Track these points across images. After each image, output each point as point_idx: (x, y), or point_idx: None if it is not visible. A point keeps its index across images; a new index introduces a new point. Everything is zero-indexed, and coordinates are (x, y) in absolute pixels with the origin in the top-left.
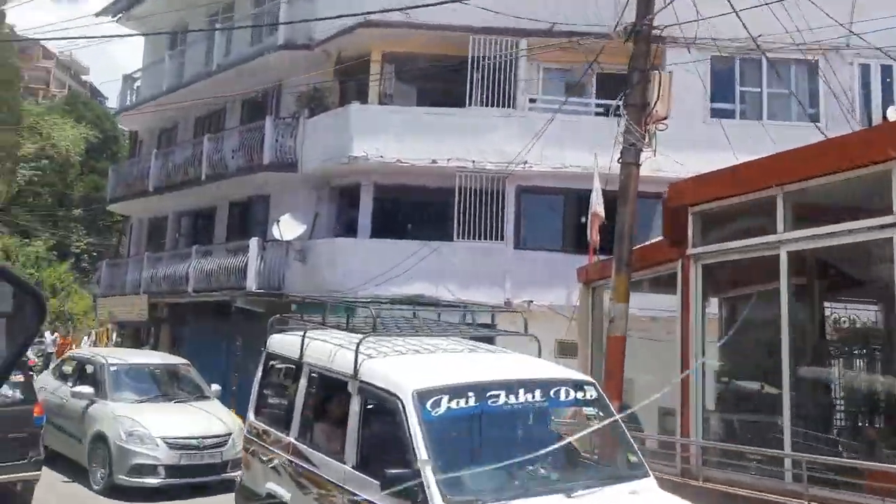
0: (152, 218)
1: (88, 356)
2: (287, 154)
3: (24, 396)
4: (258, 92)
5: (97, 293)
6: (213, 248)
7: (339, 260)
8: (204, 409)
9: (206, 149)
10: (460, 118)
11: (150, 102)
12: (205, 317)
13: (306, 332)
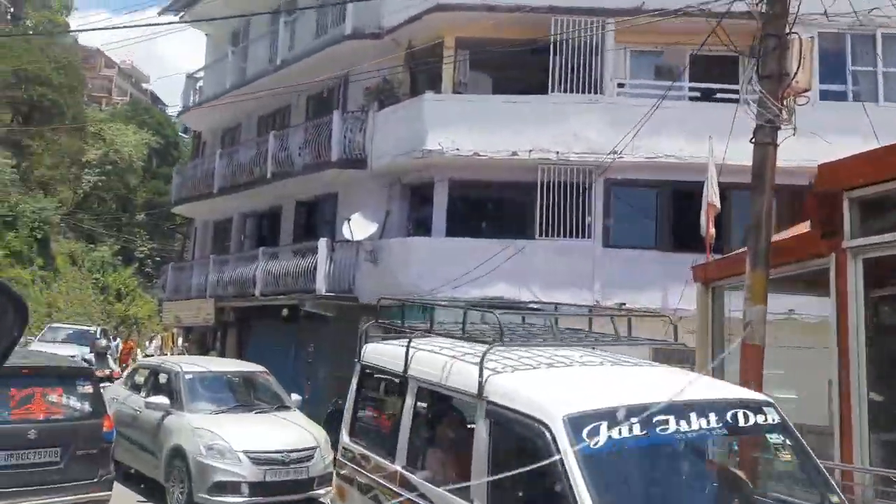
0: (217, 220)
1: (161, 364)
2: (356, 150)
3: (93, 409)
4: (324, 87)
5: (162, 297)
6: (279, 250)
7: (413, 261)
8: (286, 420)
9: (271, 147)
10: (542, 106)
11: (212, 101)
12: (272, 321)
13: (411, 341)
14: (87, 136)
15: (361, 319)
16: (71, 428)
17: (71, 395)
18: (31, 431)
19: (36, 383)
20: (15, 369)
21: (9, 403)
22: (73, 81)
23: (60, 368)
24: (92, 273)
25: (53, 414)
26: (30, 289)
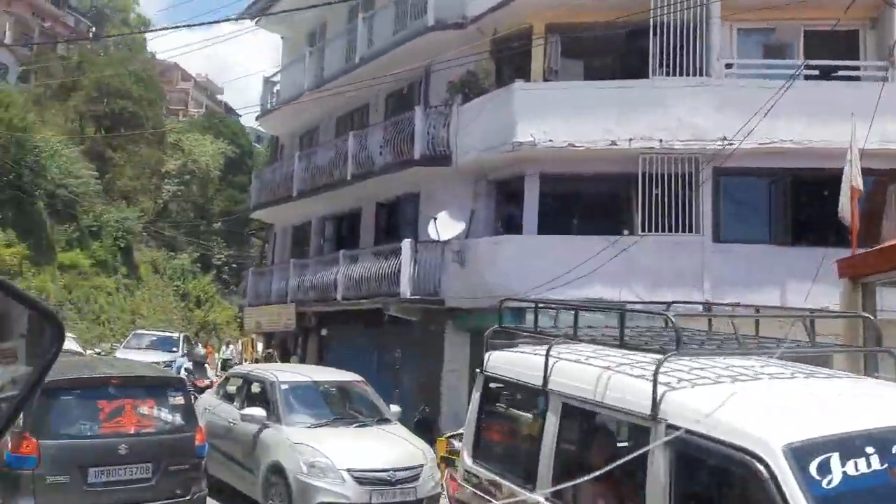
0: (296, 224)
1: (255, 373)
2: (439, 146)
3: (185, 421)
4: (404, 83)
5: (243, 303)
6: (359, 253)
7: (504, 261)
8: (389, 434)
9: (350, 147)
10: (643, 91)
11: (290, 103)
12: (353, 325)
13: (551, 349)
14: (167, 147)
15: (447, 323)
16: (163, 442)
17: (162, 406)
18: (122, 446)
19: (126, 395)
20: (104, 380)
21: (98, 416)
22: (153, 94)
23: (151, 378)
24: (173, 280)
25: (144, 427)
26: (114, 296)
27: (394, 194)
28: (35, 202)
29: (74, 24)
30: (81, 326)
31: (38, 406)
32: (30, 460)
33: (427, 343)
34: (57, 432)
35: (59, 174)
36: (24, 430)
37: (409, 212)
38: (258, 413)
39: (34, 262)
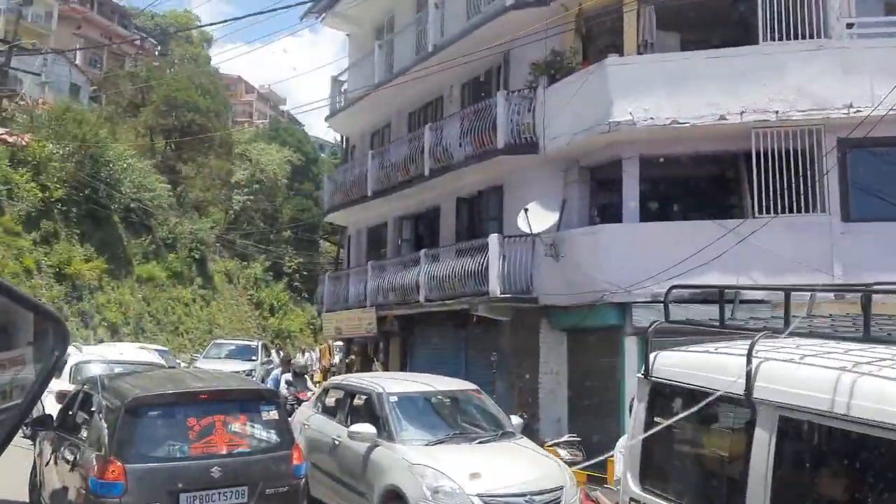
0: (370, 226)
1: (358, 383)
2: (525, 133)
3: (281, 439)
4: (480, 70)
5: (320, 309)
6: (440, 252)
7: (604, 252)
8: (517, 450)
9: (427, 140)
10: (753, 59)
11: (360, 101)
12: (438, 328)
13: (754, 347)
14: (235, 158)
15: (542, 322)
16: (258, 462)
17: (255, 422)
18: (215, 468)
19: (216, 410)
20: (193, 395)
21: (188, 435)
22: (219, 105)
23: (242, 392)
24: (246, 289)
25: (238, 446)
26: (191, 307)
27: (475, 188)
28: (111, 216)
29: (140, 42)
30: (161, 338)
31: (123, 425)
32: (117, 487)
33: (520, 344)
34: (145, 455)
35: (133, 188)
36: (109, 454)
37: (493, 206)
38: (368, 430)
39: (113, 275)
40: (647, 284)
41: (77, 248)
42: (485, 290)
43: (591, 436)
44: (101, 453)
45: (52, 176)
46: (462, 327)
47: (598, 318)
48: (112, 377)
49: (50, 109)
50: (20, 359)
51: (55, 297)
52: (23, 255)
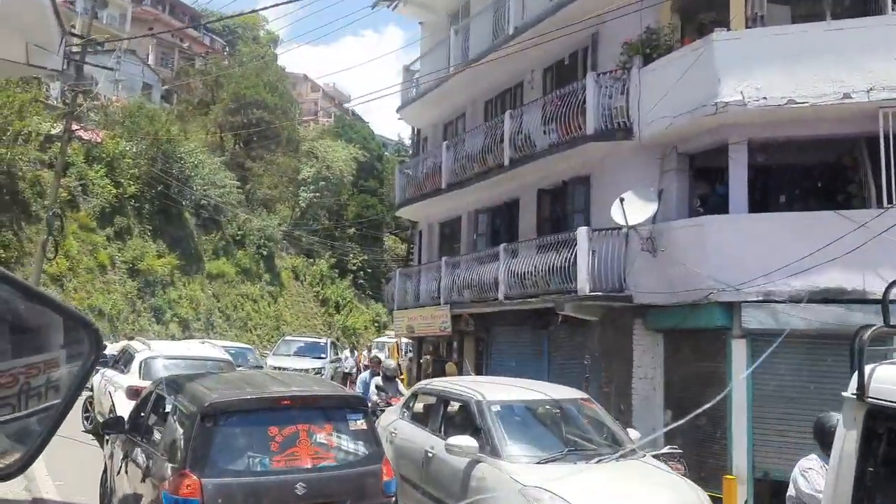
0: (443, 221)
1: (452, 389)
2: (617, 117)
3: (369, 452)
4: (564, 53)
5: (391, 306)
6: (519, 247)
7: (711, 247)
8: (646, 471)
9: (507, 128)
10: (880, 31)
11: (433, 91)
12: (517, 328)
13: None
14: (301, 155)
15: (635, 323)
16: (345, 478)
17: (342, 433)
18: (300, 484)
19: (300, 418)
20: (275, 400)
21: (269, 447)
22: (286, 103)
23: (328, 398)
24: (312, 286)
25: (324, 459)
26: (259, 303)
27: (559, 179)
28: (182, 213)
29: (210, 43)
30: (230, 334)
31: (199, 434)
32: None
33: (610, 347)
34: (223, 468)
35: (203, 184)
36: (184, 465)
37: (578, 198)
38: (469, 444)
39: (184, 271)
40: (759, 282)
41: (150, 244)
42: (572, 288)
43: (693, 448)
44: (175, 465)
45: (126, 172)
46: (544, 327)
47: (702, 318)
48: (187, 378)
49: (123, 107)
50: (53, 362)
51: (128, 293)
52: (97, 250)
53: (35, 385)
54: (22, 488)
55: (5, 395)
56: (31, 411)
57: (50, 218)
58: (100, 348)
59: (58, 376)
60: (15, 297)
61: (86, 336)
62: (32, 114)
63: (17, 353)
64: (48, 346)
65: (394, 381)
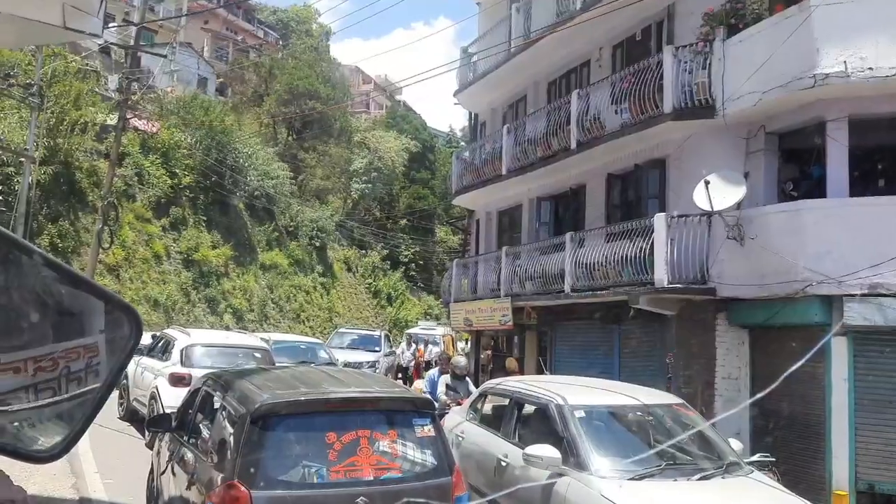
0: (502, 209)
1: (527, 390)
2: (697, 95)
3: (438, 462)
4: (635, 28)
5: (447, 298)
6: (585, 236)
7: (807, 235)
8: (757, 492)
9: (573, 109)
10: None
11: (492, 73)
12: (584, 322)
13: None
14: (353, 146)
15: (718, 317)
16: (412, 491)
17: (407, 440)
18: (361, 498)
19: (361, 423)
20: (333, 402)
21: (327, 455)
22: (339, 93)
23: (392, 400)
24: (364, 278)
25: (387, 470)
26: (311, 295)
27: (631, 162)
28: (236, 203)
29: (263, 35)
30: (284, 325)
31: (249, 440)
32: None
33: (689, 344)
34: (275, 479)
35: (257, 175)
36: (232, 475)
37: (652, 182)
38: (550, 455)
39: (238, 262)
40: (864, 274)
41: (204, 235)
42: (647, 280)
43: (784, 456)
44: (223, 474)
45: (181, 163)
46: (615, 322)
47: (796, 313)
48: (236, 374)
49: (178, 98)
50: (93, 346)
51: (183, 283)
52: (153, 240)
53: (75, 369)
54: (70, 486)
55: (46, 379)
56: (72, 395)
57: (105, 207)
58: (140, 333)
59: (98, 361)
60: (56, 280)
61: (126, 321)
62: (88, 104)
63: (57, 337)
64: (88, 330)
65: (464, 380)
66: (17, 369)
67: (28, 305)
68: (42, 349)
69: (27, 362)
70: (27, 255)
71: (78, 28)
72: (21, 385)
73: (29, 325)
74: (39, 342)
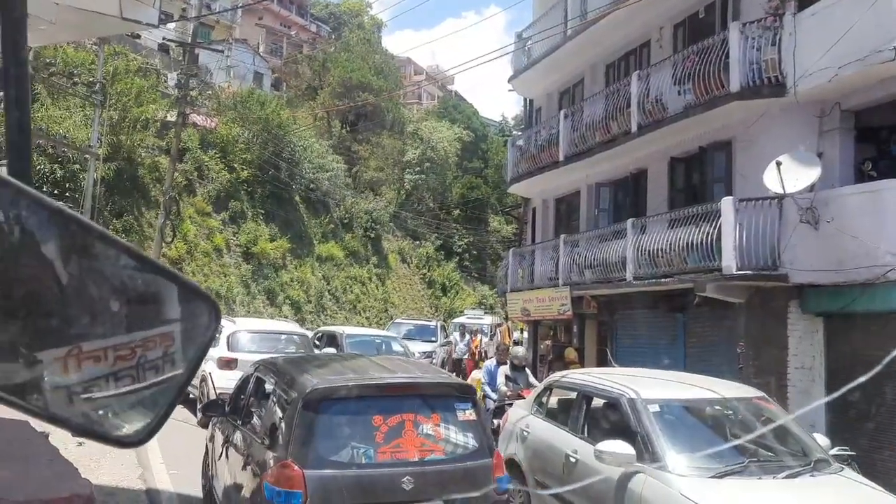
0: (559, 197)
1: (595, 383)
2: (766, 72)
3: (479, 444)
4: (698, 5)
5: (503, 288)
6: (646, 222)
7: (891, 217)
8: (850, 491)
9: (634, 92)
10: None
11: (548, 58)
12: (646, 311)
13: None
14: (406, 137)
15: (790, 305)
16: (454, 472)
17: (450, 423)
18: (407, 478)
19: (406, 407)
20: (380, 386)
21: (374, 437)
22: (392, 84)
23: (436, 385)
24: (419, 268)
25: (431, 452)
26: (367, 286)
27: (694, 145)
28: (293, 196)
29: (316, 30)
30: (340, 316)
31: (301, 423)
32: (296, 497)
33: (758, 332)
34: (326, 459)
35: (312, 168)
36: (286, 455)
37: (718, 165)
38: (624, 451)
39: (295, 254)
40: None
41: (262, 228)
42: (715, 266)
43: (863, 451)
44: (277, 454)
45: (238, 157)
46: (679, 311)
47: (876, 300)
48: (287, 361)
49: (234, 93)
50: (169, 335)
51: (243, 275)
52: (213, 234)
53: (152, 358)
54: (137, 476)
55: (125, 367)
56: (152, 383)
57: (167, 202)
58: (218, 322)
59: (174, 350)
60: (133, 267)
61: (205, 309)
62: (149, 101)
63: (135, 325)
64: (166, 318)
65: (524, 371)
66: (98, 358)
67: (107, 294)
68: (121, 338)
69: (107, 351)
70: (105, 242)
71: (134, 18)
72: (102, 374)
73: (108, 313)
74: (118, 331)
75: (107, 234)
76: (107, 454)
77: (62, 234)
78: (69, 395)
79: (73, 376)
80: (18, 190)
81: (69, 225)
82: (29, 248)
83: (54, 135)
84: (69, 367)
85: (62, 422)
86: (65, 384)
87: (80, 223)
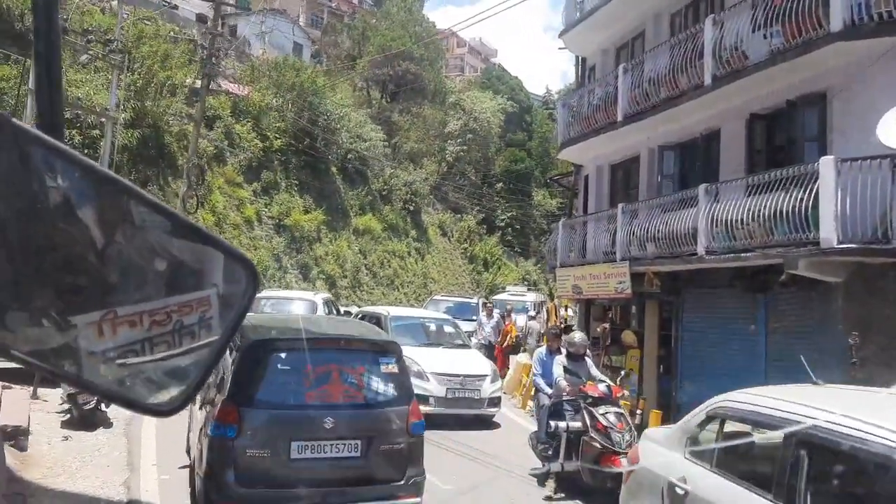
0: (615, 163)
1: (811, 418)
2: (876, 6)
3: (398, 393)
4: None
5: (553, 263)
6: (718, 188)
7: None
8: None
9: (707, 39)
10: None
11: (604, 8)
12: (719, 290)
13: None
14: (448, 108)
15: None
16: (374, 416)
17: (373, 374)
18: (328, 419)
19: (334, 359)
20: (310, 340)
21: (304, 383)
22: (433, 54)
23: (362, 341)
24: (460, 243)
25: (353, 398)
26: (406, 260)
27: (781, 98)
28: (329, 167)
29: (358, 2)
30: (377, 292)
31: (240, 368)
32: (231, 428)
33: (861, 317)
34: (259, 400)
35: (350, 137)
36: (226, 396)
37: (809, 121)
38: None
39: (330, 227)
40: None
41: (296, 199)
42: (809, 239)
43: None
44: (223, 396)
45: (272, 126)
46: (760, 290)
47: None
48: (250, 320)
49: (269, 60)
50: (206, 300)
51: (275, 249)
52: (244, 205)
53: (188, 323)
54: (121, 482)
55: (161, 333)
56: (187, 349)
57: (190, 169)
58: (256, 287)
59: (210, 315)
60: (170, 230)
61: (243, 273)
62: (176, 66)
63: (171, 289)
64: (203, 283)
65: (583, 361)
66: (133, 323)
67: (143, 257)
68: (156, 303)
69: (142, 316)
70: (141, 203)
71: None
72: (137, 339)
73: (144, 277)
74: (154, 295)
75: (143, 194)
76: (94, 452)
77: (97, 194)
78: (103, 360)
79: (108, 342)
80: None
81: (104, 185)
82: (63, 209)
83: (73, 100)
84: (104, 331)
85: (90, 388)
86: (99, 349)
87: (117, 183)
